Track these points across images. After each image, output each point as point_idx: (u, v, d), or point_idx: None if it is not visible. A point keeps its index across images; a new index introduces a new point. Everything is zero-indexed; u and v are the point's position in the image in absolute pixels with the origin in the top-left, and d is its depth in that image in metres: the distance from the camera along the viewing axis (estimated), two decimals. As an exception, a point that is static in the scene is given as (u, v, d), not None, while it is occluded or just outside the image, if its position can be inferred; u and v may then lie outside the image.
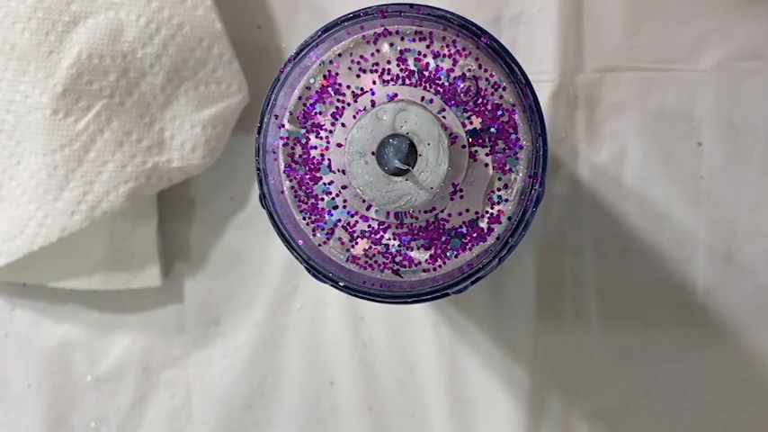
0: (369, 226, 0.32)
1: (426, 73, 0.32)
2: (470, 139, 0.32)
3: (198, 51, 0.45)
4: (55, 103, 0.44)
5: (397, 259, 0.32)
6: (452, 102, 0.32)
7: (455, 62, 0.32)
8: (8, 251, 0.46)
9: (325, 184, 0.32)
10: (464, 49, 0.32)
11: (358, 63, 0.32)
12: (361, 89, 0.32)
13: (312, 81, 0.32)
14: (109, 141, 0.44)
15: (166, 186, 0.46)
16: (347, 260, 0.32)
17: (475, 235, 0.32)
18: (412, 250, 0.32)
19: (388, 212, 0.32)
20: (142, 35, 0.44)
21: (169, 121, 0.45)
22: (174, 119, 0.45)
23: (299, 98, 0.32)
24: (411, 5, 0.31)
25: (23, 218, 0.45)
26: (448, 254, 0.32)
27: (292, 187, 0.32)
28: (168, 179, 0.46)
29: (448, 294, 0.32)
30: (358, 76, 0.32)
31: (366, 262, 0.32)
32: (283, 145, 0.32)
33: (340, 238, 0.32)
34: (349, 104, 0.32)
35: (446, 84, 0.32)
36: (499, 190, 0.32)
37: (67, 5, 0.43)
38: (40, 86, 0.44)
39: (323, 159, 0.32)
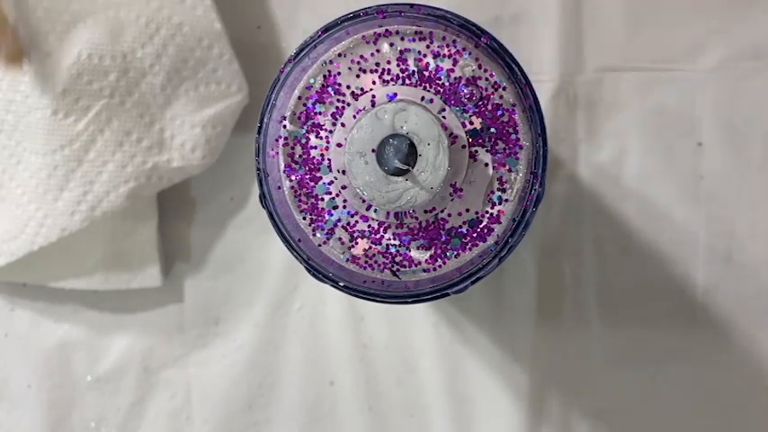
0: (369, 226, 0.32)
1: (426, 73, 0.32)
2: (470, 139, 0.32)
3: (198, 51, 0.45)
4: (55, 103, 0.44)
5: (397, 259, 0.32)
6: (452, 102, 0.32)
7: (455, 62, 0.32)
8: (8, 251, 0.45)
9: (325, 184, 0.32)
10: (464, 49, 0.32)
11: (358, 63, 0.32)
12: (361, 89, 0.32)
13: (312, 81, 0.32)
14: (109, 141, 0.44)
15: (166, 186, 0.46)
16: (347, 260, 0.32)
17: (475, 235, 0.32)
18: (412, 250, 0.32)
19: (388, 212, 0.32)
20: (142, 35, 0.44)
21: (169, 121, 0.45)
22: (174, 119, 0.45)
23: (299, 98, 0.32)
24: (411, 5, 0.31)
25: (23, 218, 0.45)
26: (448, 254, 0.32)
27: (292, 187, 0.32)
28: (168, 179, 0.46)
29: (448, 294, 0.32)
30: (358, 76, 0.32)
31: (366, 262, 0.32)
32: (283, 145, 0.32)
33: (340, 238, 0.32)
34: (349, 104, 0.32)
35: (446, 84, 0.32)
36: (499, 190, 0.32)
37: (67, 5, 0.43)
38: (40, 86, 0.44)
39: (323, 159, 0.32)
